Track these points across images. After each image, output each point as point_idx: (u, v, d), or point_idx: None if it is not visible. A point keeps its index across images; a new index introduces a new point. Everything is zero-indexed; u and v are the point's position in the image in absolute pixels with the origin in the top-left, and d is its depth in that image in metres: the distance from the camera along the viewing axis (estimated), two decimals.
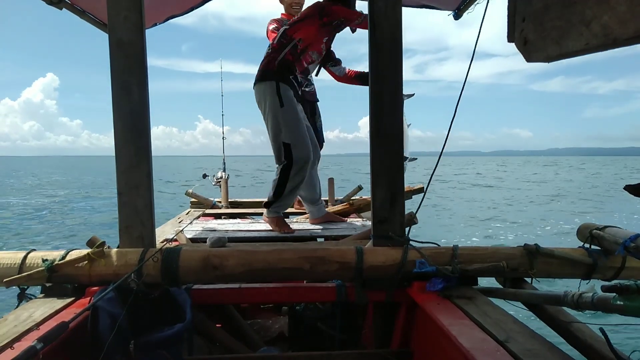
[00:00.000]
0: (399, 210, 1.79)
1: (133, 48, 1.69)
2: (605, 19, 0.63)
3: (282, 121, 2.54)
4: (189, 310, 1.48)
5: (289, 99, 2.54)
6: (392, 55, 1.75)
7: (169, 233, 2.55)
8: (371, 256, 1.67)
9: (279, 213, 2.71)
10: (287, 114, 2.53)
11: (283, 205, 2.71)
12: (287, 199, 2.68)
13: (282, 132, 2.55)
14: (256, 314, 2.61)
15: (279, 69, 2.55)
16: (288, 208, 2.84)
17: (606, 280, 1.69)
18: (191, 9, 3.01)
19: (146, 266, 1.59)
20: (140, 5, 1.68)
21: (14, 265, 1.59)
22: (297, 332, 2.19)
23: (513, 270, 1.65)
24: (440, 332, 1.29)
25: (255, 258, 1.65)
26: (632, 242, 1.46)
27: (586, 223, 1.78)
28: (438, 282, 1.58)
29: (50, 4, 2.20)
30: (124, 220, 1.71)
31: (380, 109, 1.77)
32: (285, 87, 2.54)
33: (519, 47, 0.87)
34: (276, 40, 2.62)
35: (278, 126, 2.55)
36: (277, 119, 2.55)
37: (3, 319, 1.33)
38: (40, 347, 1.07)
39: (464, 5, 2.76)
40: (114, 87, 1.69)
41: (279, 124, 2.55)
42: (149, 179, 1.72)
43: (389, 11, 1.74)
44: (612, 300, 1.10)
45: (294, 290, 1.82)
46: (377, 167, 1.78)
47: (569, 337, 1.38)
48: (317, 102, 3.73)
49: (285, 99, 2.52)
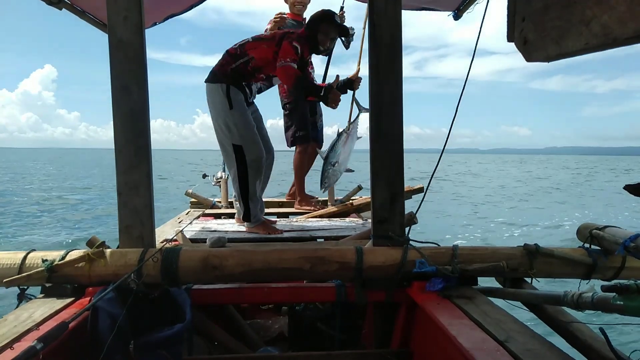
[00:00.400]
0: (399, 210, 1.79)
1: (133, 48, 1.69)
2: (605, 19, 0.63)
3: (232, 123, 2.55)
4: (188, 310, 1.48)
5: (238, 102, 2.55)
6: (391, 55, 1.75)
7: (169, 233, 2.55)
8: (371, 256, 1.67)
9: (259, 220, 2.70)
10: (236, 117, 2.54)
11: (258, 210, 2.69)
12: (257, 203, 2.67)
13: (232, 134, 2.57)
14: (256, 314, 2.61)
15: (232, 73, 2.57)
16: (264, 210, 2.81)
17: (606, 280, 1.69)
18: (190, 7, 3.01)
19: (146, 266, 1.59)
20: (139, 5, 1.68)
21: (13, 265, 1.59)
22: (297, 332, 2.19)
23: (513, 270, 1.65)
24: (440, 332, 1.29)
25: (255, 258, 1.65)
26: (632, 242, 1.46)
27: (586, 223, 1.78)
28: (438, 282, 1.58)
29: (50, 4, 2.20)
30: (124, 220, 1.71)
31: (380, 109, 1.77)
32: (236, 90, 2.56)
33: (519, 46, 0.87)
34: (236, 46, 2.63)
35: (228, 128, 2.57)
36: (227, 121, 2.56)
37: (3, 319, 1.33)
38: (40, 347, 1.07)
39: (463, 5, 2.76)
40: (113, 87, 1.69)
41: (228, 126, 2.56)
42: (148, 179, 1.72)
43: (389, 11, 1.74)
44: (612, 300, 1.10)
45: (294, 290, 1.82)
46: (377, 167, 1.78)
47: (568, 337, 1.38)
48: (317, 102, 3.72)
49: (234, 102, 2.54)
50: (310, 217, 3.30)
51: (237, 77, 2.57)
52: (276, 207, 3.85)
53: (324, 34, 2.68)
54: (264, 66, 2.57)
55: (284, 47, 2.53)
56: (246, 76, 2.60)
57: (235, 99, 2.55)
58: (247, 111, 2.61)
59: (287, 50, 2.51)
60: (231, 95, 2.53)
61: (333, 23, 2.72)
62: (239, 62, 2.55)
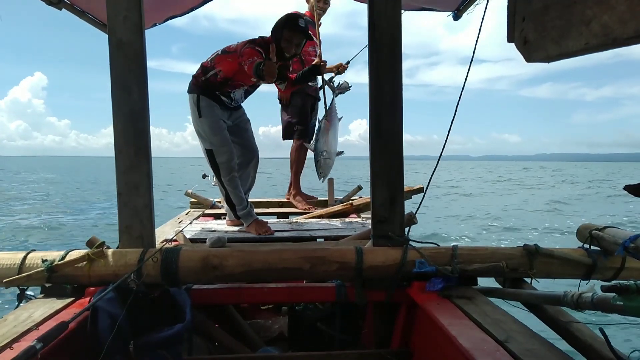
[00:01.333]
0: (399, 211, 1.79)
1: (133, 48, 1.69)
2: (605, 19, 0.63)
3: (202, 130, 2.70)
4: (188, 310, 1.48)
5: (207, 109, 2.66)
6: (391, 55, 1.75)
7: (169, 233, 2.55)
8: (371, 256, 1.67)
9: (252, 216, 2.73)
10: (206, 123, 2.67)
11: (244, 208, 2.73)
12: (241, 201, 2.73)
13: (203, 140, 2.71)
14: (256, 314, 2.61)
15: (203, 84, 2.67)
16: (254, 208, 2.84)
17: (606, 281, 1.69)
18: (191, 10, 3.01)
19: (146, 266, 1.59)
20: (139, 5, 1.68)
21: (13, 265, 1.58)
22: (296, 332, 2.19)
23: (513, 270, 1.65)
24: (440, 332, 1.29)
25: (255, 258, 1.65)
26: (631, 242, 1.46)
27: (586, 224, 1.78)
28: (438, 282, 1.58)
29: (50, 4, 2.20)
30: (124, 220, 1.71)
31: (380, 110, 1.77)
32: (207, 100, 2.66)
33: (519, 46, 0.87)
34: (209, 59, 2.70)
35: (199, 134, 2.73)
36: (198, 128, 2.73)
37: (3, 319, 1.33)
38: (39, 347, 1.07)
39: (463, 5, 2.76)
40: (113, 88, 1.69)
41: (199, 132, 2.72)
42: (148, 179, 1.72)
43: (389, 12, 1.74)
44: (612, 300, 1.10)
45: (294, 290, 1.82)
46: (377, 167, 1.78)
47: (568, 337, 1.38)
48: (317, 100, 3.73)
49: (203, 110, 2.66)
50: (310, 217, 3.30)
51: (208, 88, 2.67)
52: (276, 207, 3.86)
53: (287, 41, 2.61)
54: (233, 76, 2.63)
55: (247, 52, 2.49)
56: (218, 86, 2.66)
57: (204, 107, 2.66)
58: (217, 117, 2.68)
59: (250, 53, 2.47)
60: (201, 104, 2.66)
61: (296, 29, 2.61)
62: (209, 74, 2.65)
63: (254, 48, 2.49)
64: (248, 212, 2.73)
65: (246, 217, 2.72)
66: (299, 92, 3.61)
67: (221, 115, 2.72)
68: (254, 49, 2.48)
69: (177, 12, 3.00)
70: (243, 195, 2.77)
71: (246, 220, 2.71)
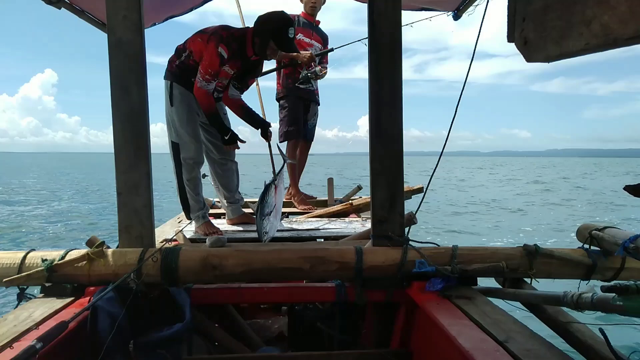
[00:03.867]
0: (399, 210, 1.79)
1: (132, 48, 1.68)
2: (605, 19, 0.63)
3: (171, 120, 2.56)
4: (188, 310, 1.48)
5: (179, 98, 2.52)
6: (391, 55, 1.75)
7: (169, 233, 2.55)
8: (371, 256, 1.66)
9: (205, 218, 2.67)
10: (175, 113, 2.53)
11: (199, 209, 2.65)
12: (197, 202, 2.64)
13: (170, 131, 2.57)
14: (256, 313, 2.61)
15: (177, 70, 2.53)
16: (208, 210, 2.78)
17: (605, 281, 1.69)
18: (190, 9, 3.02)
19: (145, 266, 1.59)
20: (139, 5, 1.68)
21: (13, 265, 1.58)
22: (296, 332, 2.19)
23: (512, 270, 1.65)
24: (439, 332, 1.29)
25: (254, 258, 1.65)
26: (631, 243, 1.46)
27: (586, 224, 1.78)
28: (437, 282, 1.58)
29: (49, 3, 2.20)
30: (124, 220, 1.71)
31: (380, 109, 1.77)
32: (181, 88, 2.52)
33: (519, 47, 0.86)
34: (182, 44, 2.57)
35: (168, 124, 2.59)
36: (167, 118, 2.59)
37: (3, 318, 1.33)
38: (39, 347, 1.07)
39: (463, 5, 2.76)
40: (113, 87, 1.69)
41: (168, 122, 2.59)
42: (148, 178, 1.71)
43: (389, 11, 1.74)
44: (612, 300, 1.10)
45: (294, 290, 1.82)
46: (377, 167, 1.78)
47: (568, 337, 1.38)
48: (312, 102, 3.77)
49: (175, 99, 2.51)
50: (310, 217, 3.30)
51: (183, 74, 2.51)
52: None
53: (272, 50, 2.47)
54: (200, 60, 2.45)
55: (208, 52, 2.35)
56: (193, 71, 2.47)
57: (177, 96, 2.52)
58: (189, 109, 2.54)
59: (209, 60, 2.34)
60: (173, 93, 2.52)
61: (281, 43, 2.44)
62: (182, 57, 2.51)
63: (216, 49, 2.32)
64: (202, 214, 2.65)
65: (198, 219, 2.64)
66: (290, 95, 3.67)
67: (196, 108, 2.56)
68: (215, 52, 2.32)
69: (177, 12, 3.00)
70: (201, 199, 2.67)
71: (197, 221, 2.65)
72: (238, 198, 2.95)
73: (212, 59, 2.35)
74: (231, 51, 2.38)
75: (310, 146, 4.02)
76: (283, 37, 2.42)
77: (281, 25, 2.42)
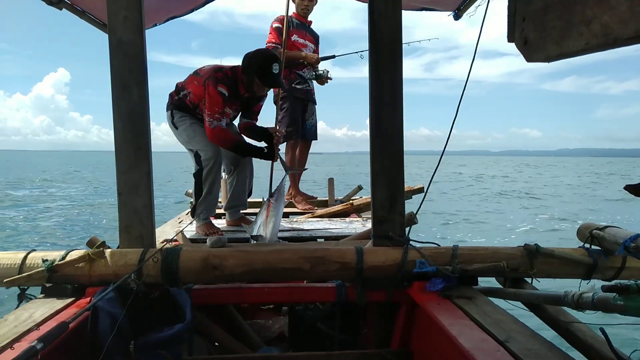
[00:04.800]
0: (399, 210, 1.79)
1: (133, 48, 1.69)
2: (605, 19, 0.63)
3: (183, 140, 2.72)
4: (188, 310, 1.48)
5: (181, 120, 2.69)
6: (391, 55, 1.75)
7: (169, 233, 2.55)
8: (371, 256, 1.66)
9: (207, 219, 2.71)
10: (184, 131, 2.69)
11: (206, 207, 2.69)
12: (208, 200, 2.67)
13: (189, 144, 2.70)
14: (256, 314, 2.61)
15: (177, 102, 2.68)
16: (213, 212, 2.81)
17: (606, 281, 1.68)
18: (191, 10, 3.01)
19: (146, 266, 1.59)
20: (139, 5, 1.68)
21: (14, 265, 1.59)
22: (297, 332, 2.19)
23: (513, 270, 1.65)
24: (440, 332, 1.29)
25: (255, 258, 1.65)
26: (632, 242, 1.46)
27: (586, 223, 1.78)
28: (438, 282, 1.58)
29: (50, 4, 2.20)
30: (124, 220, 1.71)
31: (380, 109, 1.77)
32: (180, 112, 2.70)
33: (519, 47, 0.86)
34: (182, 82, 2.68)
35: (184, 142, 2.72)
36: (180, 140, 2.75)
37: (3, 319, 1.33)
38: (40, 348, 1.07)
39: (463, 5, 2.76)
40: (113, 87, 1.69)
41: (183, 143, 2.74)
42: (148, 178, 1.72)
43: (389, 11, 1.74)
44: (613, 300, 1.10)
45: (294, 290, 1.82)
46: (377, 167, 1.78)
47: (569, 337, 1.38)
48: (310, 102, 3.80)
49: (177, 121, 2.70)
50: (310, 217, 3.30)
51: (182, 105, 2.67)
52: None
53: (258, 86, 2.53)
54: (199, 103, 2.59)
55: (209, 95, 2.45)
56: (192, 110, 2.65)
57: (178, 119, 2.68)
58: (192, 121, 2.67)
59: (212, 101, 2.45)
60: (174, 117, 2.69)
61: (266, 79, 2.49)
62: (180, 94, 2.65)
63: (216, 89, 2.43)
64: (205, 215, 2.70)
65: (199, 219, 2.69)
66: (287, 95, 3.70)
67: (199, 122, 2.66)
68: (217, 92, 2.43)
69: (178, 13, 3.00)
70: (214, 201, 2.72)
71: (198, 221, 2.69)
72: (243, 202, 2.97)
73: (215, 99, 2.46)
74: (229, 91, 2.50)
75: (310, 146, 4.03)
76: (267, 73, 2.49)
77: (264, 62, 2.49)
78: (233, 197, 2.92)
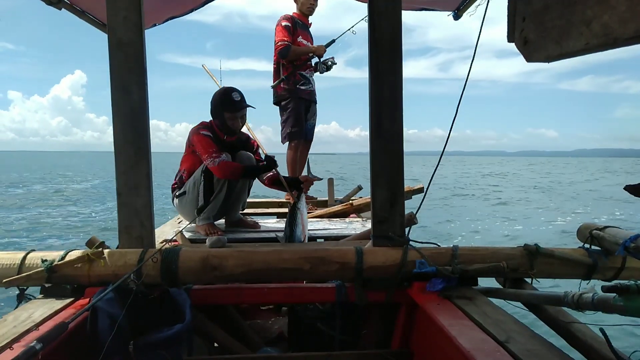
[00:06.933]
0: (399, 211, 1.79)
1: (132, 48, 1.69)
2: (605, 19, 0.63)
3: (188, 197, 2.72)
4: (188, 310, 1.48)
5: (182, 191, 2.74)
6: (391, 55, 1.75)
7: (169, 233, 2.55)
8: (371, 256, 1.66)
9: (209, 219, 2.72)
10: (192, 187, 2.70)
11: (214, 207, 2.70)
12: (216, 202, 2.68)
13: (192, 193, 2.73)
14: (256, 314, 2.60)
15: (178, 183, 2.79)
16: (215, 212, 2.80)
17: (606, 281, 1.68)
18: (191, 10, 3.01)
19: (145, 266, 1.59)
20: (139, 5, 1.68)
21: (13, 265, 1.58)
22: (297, 333, 2.18)
23: (513, 270, 1.65)
24: (440, 333, 1.29)
25: (254, 258, 1.65)
26: (632, 242, 1.46)
27: (586, 223, 1.78)
28: (438, 283, 1.57)
29: (50, 4, 2.20)
30: (123, 220, 1.71)
31: (380, 109, 1.77)
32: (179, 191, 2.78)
33: (519, 47, 0.86)
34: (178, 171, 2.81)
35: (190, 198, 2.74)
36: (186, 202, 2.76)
37: (2, 319, 1.33)
38: (39, 348, 1.07)
39: (463, 5, 2.76)
40: (113, 88, 1.69)
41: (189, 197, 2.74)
42: (148, 179, 1.71)
43: (389, 11, 1.74)
44: (613, 300, 1.10)
45: (294, 290, 1.82)
46: (377, 167, 1.78)
47: (569, 338, 1.38)
48: (312, 102, 3.83)
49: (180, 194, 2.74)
50: (310, 217, 3.29)
51: (181, 185, 2.75)
52: (276, 207, 3.86)
53: (231, 120, 2.63)
54: (194, 168, 2.67)
55: (198, 142, 2.56)
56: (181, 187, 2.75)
57: (180, 194, 2.74)
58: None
59: (204, 144, 2.55)
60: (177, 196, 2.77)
61: (232, 107, 2.60)
62: (177, 178, 2.79)
63: (200, 134, 2.56)
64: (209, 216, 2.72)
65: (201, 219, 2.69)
66: (292, 96, 3.72)
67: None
68: (202, 136, 2.55)
69: (178, 13, 3.00)
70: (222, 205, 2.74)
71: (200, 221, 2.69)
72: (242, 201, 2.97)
73: (205, 140, 2.57)
74: (212, 135, 2.62)
75: (309, 146, 4.05)
76: (230, 102, 2.61)
77: (224, 95, 2.63)
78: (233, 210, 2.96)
